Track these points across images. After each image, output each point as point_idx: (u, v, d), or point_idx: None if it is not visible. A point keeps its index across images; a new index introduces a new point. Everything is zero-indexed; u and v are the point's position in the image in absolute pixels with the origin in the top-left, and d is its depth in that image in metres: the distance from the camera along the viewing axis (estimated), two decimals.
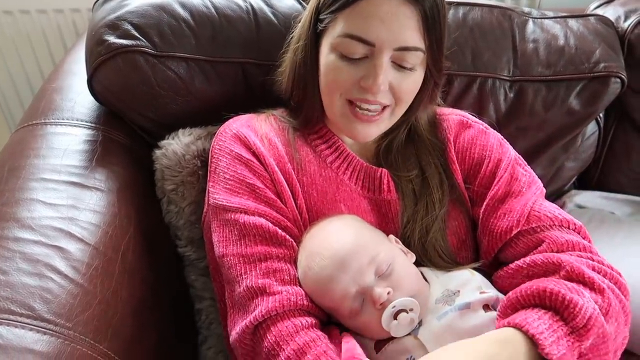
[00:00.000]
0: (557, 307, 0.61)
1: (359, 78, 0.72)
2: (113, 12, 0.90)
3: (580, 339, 0.59)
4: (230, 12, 0.93)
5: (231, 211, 0.74)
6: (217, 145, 0.80)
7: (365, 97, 0.73)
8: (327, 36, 0.74)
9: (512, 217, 0.73)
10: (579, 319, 0.60)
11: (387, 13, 0.69)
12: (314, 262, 0.68)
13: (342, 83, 0.73)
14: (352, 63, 0.72)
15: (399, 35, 0.70)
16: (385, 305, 0.64)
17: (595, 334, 0.60)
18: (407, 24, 0.70)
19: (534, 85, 1.01)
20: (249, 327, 0.68)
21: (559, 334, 0.59)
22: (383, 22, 0.69)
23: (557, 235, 0.71)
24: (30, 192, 0.77)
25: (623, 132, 1.11)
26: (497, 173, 0.78)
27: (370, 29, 0.69)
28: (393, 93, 0.74)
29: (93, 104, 0.94)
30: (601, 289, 0.63)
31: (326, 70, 0.74)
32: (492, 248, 0.75)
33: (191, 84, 0.91)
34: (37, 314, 0.63)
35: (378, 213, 0.79)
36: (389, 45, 0.70)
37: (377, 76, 0.70)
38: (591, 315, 0.60)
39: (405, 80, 0.73)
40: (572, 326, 0.60)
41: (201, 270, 0.93)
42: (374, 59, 0.71)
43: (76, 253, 0.72)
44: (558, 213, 0.74)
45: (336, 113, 0.77)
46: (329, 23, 0.73)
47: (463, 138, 0.83)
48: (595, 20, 1.06)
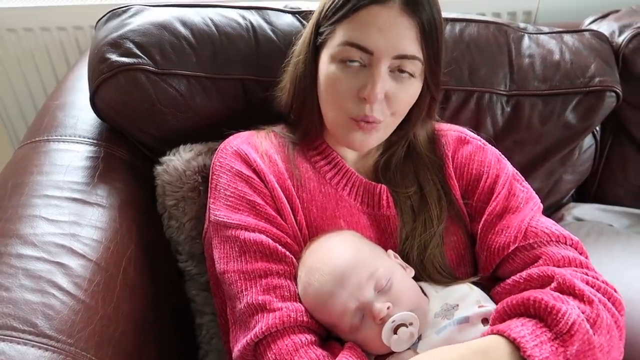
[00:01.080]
0: (540, 314, 0.62)
1: (357, 88, 0.73)
2: (115, 30, 0.91)
3: (565, 344, 0.60)
4: (231, 29, 0.94)
5: (232, 228, 0.74)
6: (218, 162, 0.81)
7: (364, 112, 0.73)
8: (327, 47, 0.75)
9: (509, 233, 0.74)
10: (562, 325, 0.60)
11: (385, 23, 0.70)
12: (314, 277, 0.69)
13: (342, 95, 0.74)
14: (351, 73, 0.73)
15: (397, 44, 0.71)
16: (385, 320, 0.65)
17: (580, 340, 0.60)
18: (405, 34, 0.71)
19: (531, 100, 1.02)
20: (249, 344, 0.68)
21: (542, 338, 0.60)
22: (381, 31, 0.70)
23: (554, 251, 0.71)
24: (33, 208, 0.78)
25: (619, 145, 1.12)
26: (495, 189, 0.79)
27: (369, 37, 0.71)
28: (389, 103, 0.74)
29: (95, 121, 0.96)
30: (590, 300, 0.64)
31: (325, 81, 0.75)
32: (490, 264, 0.75)
33: (192, 100, 0.92)
34: (39, 330, 0.63)
35: (377, 229, 0.80)
36: (387, 53, 0.71)
37: (375, 84, 0.71)
38: (574, 321, 0.60)
39: (402, 91, 0.74)
40: (556, 332, 0.60)
41: (202, 285, 0.93)
42: (372, 68, 0.72)
43: (78, 269, 0.72)
44: (555, 229, 0.74)
45: (336, 125, 0.77)
46: (328, 35, 0.74)
47: (461, 154, 0.83)
48: (590, 35, 1.07)
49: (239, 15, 0.97)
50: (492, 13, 1.36)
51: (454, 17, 1.03)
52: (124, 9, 0.96)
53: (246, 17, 0.97)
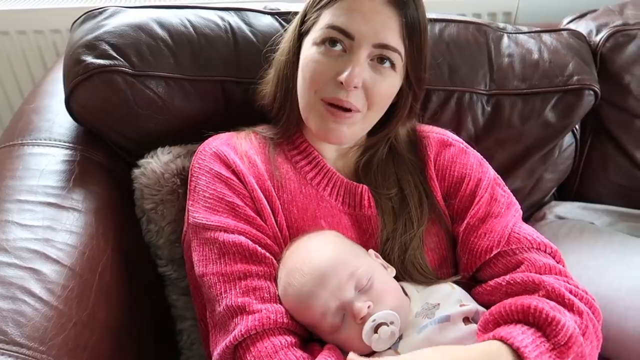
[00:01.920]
0: (540, 323, 0.62)
1: (335, 72, 0.73)
2: (91, 32, 0.90)
3: (561, 356, 0.60)
4: (209, 31, 0.93)
5: (211, 230, 0.73)
6: (197, 164, 0.80)
7: (338, 95, 0.73)
8: (311, 33, 0.76)
9: (492, 237, 0.74)
10: (560, 336, 0.61)
11: (369, 10, 0.72)
12: (294, 278, 0.68)
13: (318, 77, 0.74)
14: (331, 57, 0.73)
15: (379, 32, 0.72)
16: (365, 320, 0.64)
17: (575, 352, 0.61)
18: (388, 24, 0.72)
19: (511, 99, 1.02)
20: (229, 347, 0.67)
21: (542, 349, 0.60)
22: (364, 17, 0.71)
23: (536, 258, 0.72)
24: (5, 213, 0.76)
25: (599, 143, 1.13)
26: (477, 192, 0.79)
27: (352, 21, 0.72)
28: (366, 94, 0.74)
29: (71, 124, 0.94)
30: (580, 311, 0.65)
31: (305, 63, 0.76)
32: (471, 266, 0.76)
33: (170, 102, 0.91)
34: (10, 338, 0.62)
35: (359, 229, 0.79)
36: (369, 40, 0.72)
37: (354, 69, 0.71)
38: (572, 333, 0.61)
39: (380, 82, 0.74)
40: (554, 343, 0.60)
41: (182, 290, 0.92)
42: (352, 54, 0.72)
43: (51, 275, 0.71)
44: (536, 236, 0.75)
45: (311, 111, 0.77)
46: (314, 20, 0.75)
47: (443, 156, 0.84)
48: (568, 34, 1.08)
49: (217, 16, 0.96)
50: (473, 14, 1.37)
51: (433, 17, 1.03)
52: (99, 10, 0.94)
53: (225, 19, 0.96)
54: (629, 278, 0.92)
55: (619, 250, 1.00)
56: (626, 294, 0.90)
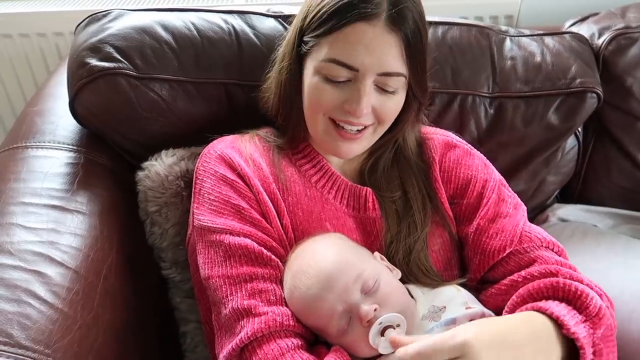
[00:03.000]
0: (569, 297, 0.64)
1: (342, 101, 0.73)
2: (95, 35, 0.90)
3: (594, 326, 0.62)
4: (213, 33, 0.93)
5: (216, 232, 0.73)
6: (202, 167, 0.80)
7: (348, 119, 0.74)
8: (311, 59, 0.75)
9: (504, 236, 0.75)
10: (591, 308, 0.62)
11: (371, 40, 0.70)
12: (300, 281, 0.68)
13: (325, 105, 0.74)
14: (336, 86, 0.73)
15: (382, 62, 0.71)
16: (372, 322, 0.64)
17: (605, 324, 0.62)
18: (390, 52, 0.71)
19: (513, 102, 1.03)
20: (235, 350, 0.67)
21: (577, 319, 0.62)
22: (367, 49, 0.70)
23: (548, 256, 0.73)
24: (9, 216, 0.76)
25: (602, 145, 1.13)
26: (484, 194, 0.80)
27: (354, 55, 0.70)
28: (375, 115, 0.75)
29: (75, 127, 0.94)
30: (600, 293, 0.67)
31: (309, 91, 0.75)
32: (483, 266, 0.76)
33: (174, 105, 0.91)
34: (15, 340, 0.61)
35: (363, 231, 0.79)
36: (373, 70, 0.71)
37: (361, 100, 0.71)
38: (601, 305, 0.63)
39: (387, 102, 0.75)
40: (586, 314, 0.62)
41: (186, 293, 0.92)
42: (358, 83, 0.72)
43: (56, 277, 0.70)
44: (545, 235, 0.77)
45: (319, 132, 0.78)
46: (312, 46, 0.74)
47: (448, 158, 0.84)
48: (570, 37, 1.09)
49: (221, 19, 0.96)
50: (475, 17, 1.38)
51: (436, 20, 1.03)
52: (103, 13, 0.94)
53: (228, 21, 0.96)
54: (633, 281, 0.92)
55: (622, 253, 1.00)
56: (629, 297, 0.90)
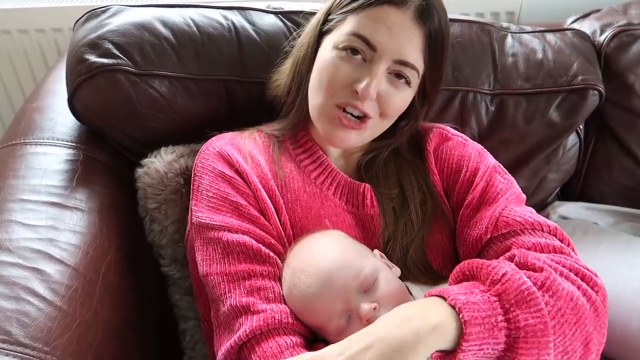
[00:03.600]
0: (473, 273, 0.62)
1: (353, 80, 0.73)
2: (94, 31, 0.89)
3: (498, 292, 0.58)
4: (212, 30, 0.93)
5: (214, 229, 0.73)
6: (200, 163, 0.80)
7: (353, 102, 0.73)
8: (332, 34, 0.75)
9: (481, 225, 0.73)
10: (493, 275, 0.60)
11: (395, 23, 0.71)
12: (299, 279, 0.68)
13: (335, 82, 0.74)
14: (350, 64, 0.73)
15: (401, 48, 0.72)
16: (371, 321, 0.64)
17: (516, 289, 0.58)
18: (412, 40, 0.72)
19: (515, 99, 1.02)
20: (233, 347, 0.67)
21: (473, 290, 0.59)
22: (390, 31, 0.71)
23: (525, 240, 0.69)
24: (8, 213, 0.76)
25: (603, 143, 1.12)
26: (474, 181, 0.78)
27: (377, 33, 0.71)
28: (379, 104, 0.74)
29: (74, 124, 0.93)
30: (540, 268, 0.62)
31: (323, 65, 0.75)
32: (469, 258, 0.73)
33: (173, 102, 0.91)
34: (14, 338, 0.61)
35: (362, 228, 0.79)
36: (390, 54, 0.72)
37: (372, 81, 0.71)
38: (506, 272, 0.60)
39: (394, 95, 0.74)
40: (489, 283, 0.60)
41: (185, 290, 0.92)
42: (372, 65, 0.72)
43: (55, 275, 0.70)
44: (529, 216, 0.71)
45: (321, 113, 0.76)
46: (337, 22, 0.75)
47: (442, 149, 0.83)
48: (572, 34, 1.08)
49: (220, 15, 0.96)
50: (476, 13, 1.37)
51: None
52: (102, 9, 0.94)
53: (228, 18, 0.95)
54: (634, 279, 0.92)
55: (623, 251, 0.99)
56: (631, 295, 0.90)
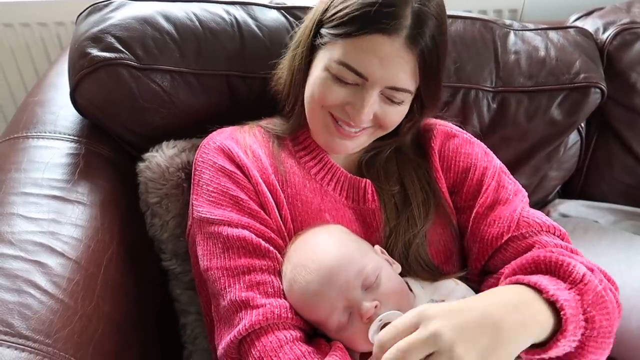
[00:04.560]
0: (551, 268, 0.64)
1: (345, 103, 0.73)
2: (96, 25, 0.89)
3: (580, 292, 0.61)
4: (215, 25, 0.93)
5: (215, 224, 0.73)
6: (201, 158, 0.80)
7: (347, 120, 0.74)
8: (324, 53, 0.74)
9: (502, 223, 0.74)
10: (574, 275, 0.63)
11: (387, 54, 0.70)
12: (300, 275, 0.68)
13: (327, 102, 0.74)
14: (342, 87, 0.73)
15: (393, 77, 0.71)
16: (372, 319, 0.64)
17: (593, 291, 0.62)
18: (404, 68, 0.71)
19: (517, 96, 1.02)
20: (233, 342, 0.67)
21: (560, 286, 0.62)
22: (381, 62, 0.70)
23: (547, 240, 0.72)
24: (10, 206, 0.76)
25: (605, 141, 1.12)
26: (483, 181, 0.79)
27: (367, 65, 0.70)
28: (377, 121, 0.75)
29: (76, 117, 0.93)
30: (592, 268, 0.66)
31: (315, 84, 0.75)
32: (483, 255, 0.75)
33: (175, 96, 0.91)
34: (16, 330, 0.62)
35: (362, 223, 0.79)
36: (381, 83, 0.71)
37: (363, 108, 0.72)
38: (585, 273, 0.63)
39: (390, 112, 0.75)
40: (570, 282, 0.62)
41: (186, 284, 0.92)
42: (364, 92, 0.72)
43: (57, 268, 0.71)
44: (545, 219, 0.76)
45: (318, 124, 0.77)
46: (328, 42, 0.73)
47: (448, 147, 0.83)
48: (575, 32, 1.08)
49: (223, 10, 0.95)
50: (479, 11, 1.37)
51: None
52: (105, 3, 0.94)
53: (230, 13, 0.95)
54: (634, 277, 0.92)
55: (624, 249, 0.99)
56: (630, 293, 0.90)
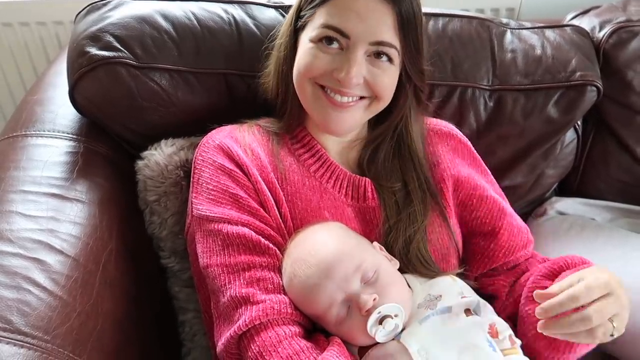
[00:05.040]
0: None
1: (332, 69, 0.74)
2: (95, 24, 0.90)
3: None
4: (213, 23, 0.93)
5: (214, 221, 0.74)
6: (200, 156, 0.80)
7: (338, 87, 0.74)
8: (307, 30, 0.76)
9: (522, 235, 0.85)
10: None
11: (364, 8, 0.72)
12: (300, 269, 0.68)
13: (314, 69, 0.75)
14: (327, 53, 0.74)
15: (374, 30, 0.72)
16: (370, 312, 0.65)
17: None
18: (383, 20, 0.72)
19: (513, 94, 1.03)
20: (233, 337, 0.67)
21: None
22: (359, 16, 0.72)
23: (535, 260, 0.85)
24: (9, 204, 0.77)
25: (601, 139, 1.13)
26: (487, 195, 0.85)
27: (347, 21, 0.72)
28: (369, 87, 0.75)
29: (74, 116, 0.94)
30: None
31: (300, 57, 0.76)
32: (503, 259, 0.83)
33: (174, 95, 0.91)
34: (15, 327, 0.62)
35: (362, 220, 0.79)
36: (364, 38, 0.72)
37: (351, 68, 0.72)
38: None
39: (380, 75, 0.75)
40: None
41: (185, 282, 0.92)
42: (349, 53, 0.73)
43: (55, 265, 0.71)
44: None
45: (309, 100, 0.77)
46: (308, 18, 0.75)
47: (459, 172, 0.85)
48: (571, 30, 1.08)
49: (221, 9, 0.96)
50: (476, 9, 1.37)
51: (437, 12, 1.03)
52: (103, 2, 0.94)
53: (229, 11, 0.96)
54: (630, 274, 0.92)
55: (620, 246, 1.00)
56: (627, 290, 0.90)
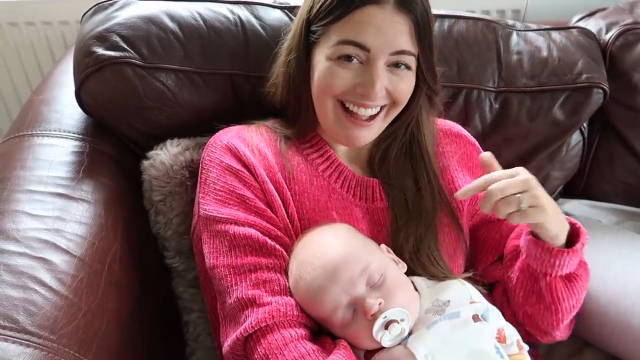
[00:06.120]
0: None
1: (355, 85, 0.73)
2: (101, 24, 0.90)
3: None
4: (219, 24, 0.93)
5: (221, 222, 0.73)
6: (208, 157, 0.80)
7: (362, 101, 0.74)
8: (321, 47, 0.75)
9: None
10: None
11: (381, 21, 0.71)
12: (305, 271, 0.68)
13: (336, 87, 0.74)
14: (348, 70, 0.73)
15: (393, 41, 0.72)
16: (376, 316, 0.64)
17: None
18: (401, 30, 0.72)
19: (519, 96, 1.02)
20: (239, 339, 0.67)
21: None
22: (377, 29, 0.71)
23: None
24: (15, 203, 0.77)
25: (607, 141, 1.12)
26: None
27: (365, 35, 0.71)
28: (390, 95, 0.75)
29: (80, 116, 0.94)
30: None
31: (321, 76, 0.75)
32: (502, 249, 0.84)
33: (180, 95, 0.91)
34: (21, 326, 0.62)
35: (370, 221, 0.79)
36: (384, 50, 0.72)
37: (375, 83, 0.72)
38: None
39: (400, 82, 0.75)
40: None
41: (189, 282, 0.92)
42: (370, 66, 0.72)
43: (61, 265, 0.71)
44: None
45: (330, 119, 0.77)
46: (321, 35, 0.74)
47: (463, 153, 0.87)
48: (577, 32, 1.08)
49: (227, 9, 0.96)
50: (482, 11, 1.37)
51: (442, 13, 1.03)
52: (110, 2, 0.94)
53: (235, 12, 0.96)
54: (636, 274, 0.92)
55: (626, 247, 1.00)
56: (632, 291, 0.90)
